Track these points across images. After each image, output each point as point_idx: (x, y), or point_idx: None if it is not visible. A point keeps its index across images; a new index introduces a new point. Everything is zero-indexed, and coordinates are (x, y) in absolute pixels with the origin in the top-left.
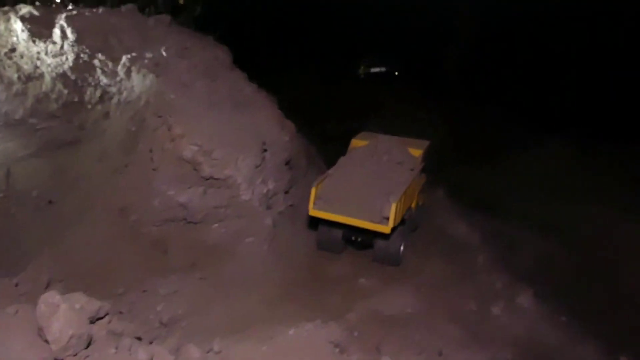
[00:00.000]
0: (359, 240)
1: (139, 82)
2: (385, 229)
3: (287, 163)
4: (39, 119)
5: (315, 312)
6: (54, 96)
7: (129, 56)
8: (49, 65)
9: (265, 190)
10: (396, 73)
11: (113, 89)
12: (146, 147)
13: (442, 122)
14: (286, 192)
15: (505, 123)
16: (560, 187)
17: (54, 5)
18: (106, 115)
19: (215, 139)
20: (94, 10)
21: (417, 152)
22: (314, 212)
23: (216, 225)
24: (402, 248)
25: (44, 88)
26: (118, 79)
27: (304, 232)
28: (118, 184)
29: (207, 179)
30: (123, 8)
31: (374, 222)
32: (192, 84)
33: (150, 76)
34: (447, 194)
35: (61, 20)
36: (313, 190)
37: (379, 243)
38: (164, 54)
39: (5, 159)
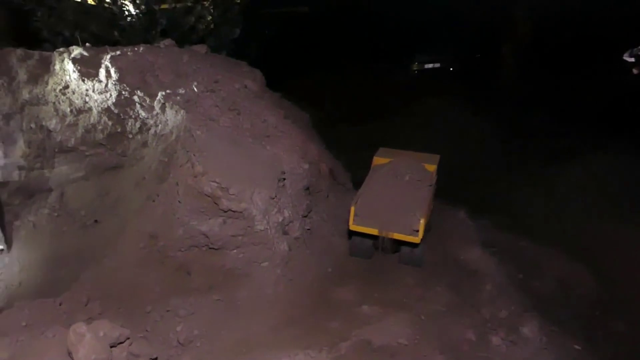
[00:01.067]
0: (386, 246)
1: (171, 117)
2: (416, 239)
3: (306, 189)
4: (88, 147)
5: (316, 338)
6: (100, 127)
7: (163, 93)
8: (95, 100)
9: (280, 219)
10: (451, 69)
11: (150, 121)
12: (174, 180)
13: (480, 128)
14: (305, 216)
15: (557, 129)
16: (607, 202)
17: (104, 46)
18: (145, 144)
19: (234, 174)
20: (135, 49)
21: (431, 168)
22: (354, 227)
23: (234, 250)
24: (424, 251)
25: (91, 120)
26: (154, 112)
27: (318, 254)
28: (150, 211)
29: (226, 212)
30: (162, 44)
31: (406, 234)
32: (218, 118)
33: (182, 112)
34: (470, 214)
35: (106, 61)
36: (352, 209)
37: (405, 249)
38: (195, 89)
39: (60, 182)
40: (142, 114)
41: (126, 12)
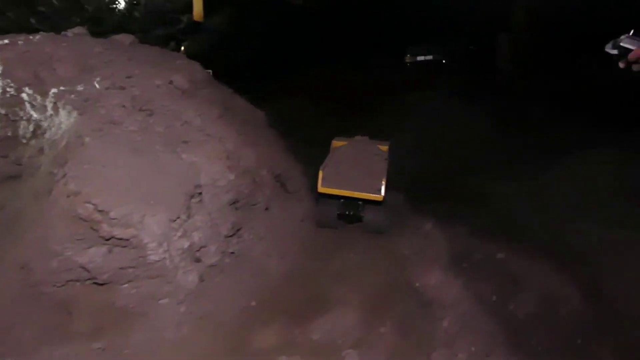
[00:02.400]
0: (352, 214)
1: (64, 119)
2: (379, 197)
3: (233, 203)
4: None
5: None
6: None
7: (56, 90)
8: None
9: (187, 245)
10: (443, 61)
11: (45, 124)
12: (53, 198)
13: (467, 122)
14: (230, 236)
15: (550, 124)
16: (600, 204)
17: None
18: (41, 150)
19: (121, 193)
20: (31, 37)
21: (384, 148)
22: (322, 189)
23: (126, 285)
24: (386, 221)
25: None
26: (48, 114)
27: (243, 283)
28: (24, 236)
29: (108, 239)
30: (70, 32)
31: (370, 193)
32: (122, 121)
33: (74, 113)
34: (442, 220)
35: None
36: (320, 173)
37: (367, 216)
38: (97, 86)
39: None
40: (35, 115)
41: None
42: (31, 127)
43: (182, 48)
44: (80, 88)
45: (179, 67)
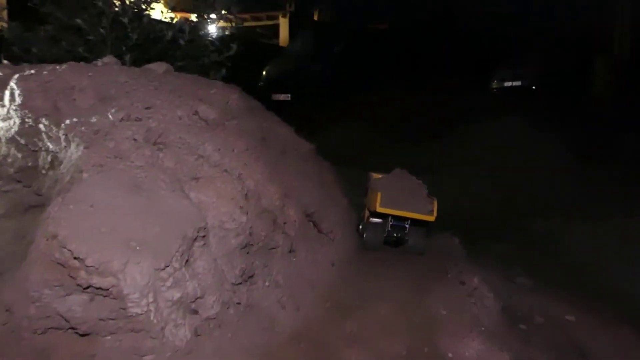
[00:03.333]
0: (398, 236)
1: (74, 153)
2: (432, 218)
3: (244, 247)
4: (3, 181)
5: None
6: (9, 160)
7: (68, 122)
8: (1, 128)
9: (178, 296)
10: (533, 87)
11: (61, 156)
12: (37, 240)
13: (550, 152)
14: (237, 284)
15: None
16: None
17: (22, 64)
18: (56, 182)
19: (103, 237)
20: (57, 67)
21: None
22: (380, 209)
23: (109, 337)
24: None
25: (1, 151)
26: (62, 145)
27: (247, 338)
28: (11, 277)
29: (86, 288)
30: (100, 61)
31: (424, 214)
32: (129, 155)
33: (82, 146)
34: (500, 265)
35: (12, 82)
36: (379, 195)
37: (411, 240)
38: (111, 117)
39: None
40: (51, 146)
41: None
42: (49, 158)
43: (264, 72)
44: (93, 119)
45: (211, 96)
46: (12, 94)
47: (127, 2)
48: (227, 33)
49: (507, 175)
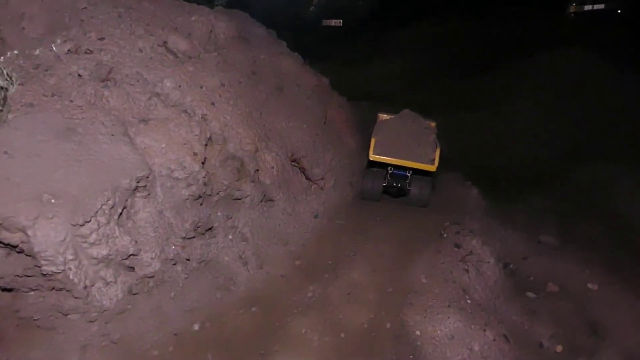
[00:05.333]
0: (399, 186)
1: (10, 90)
2: (432, 167)
3: (199, 197)
4: None
5: None
6: None
7: (9, 54)
8: None
9: (104, 253)
10: (619, 11)
11: (10, 93)
12: None
13: (614, 90)
14: (190, 238)
15: None
16: None
17: None
18: None
19: (12, 189)
20: None
21: (433, 124)
22: (374, 157)
23: (32, 293)
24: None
25: None
26: (7, 81)
27: (194, 298)
28: None
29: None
30: None
31: (424, 163)
32: (70, 93)
33: (15, 84)
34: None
35: None
36: (373, 140)
37: (413, 190)
38: (55, 49)
39: None
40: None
41: None
42: (2, 94)
43: None
44: (37, 52)
45: (190, 24)
46: None
47: None
48: None
49: (564, 117)
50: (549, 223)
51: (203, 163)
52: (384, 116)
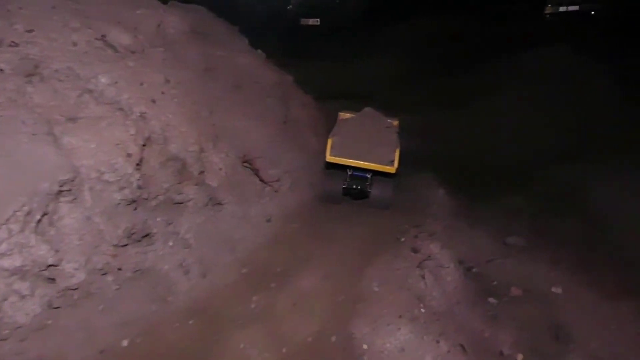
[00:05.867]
0: (359, 188)
1: None
2: (392, 169)
3: (132, 202)
4: None
5: None
6: None
7: None
8: None
9: (17, 264)
10: (592, 13)
11: None
12: None
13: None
14: (122, 245)
15: None
16: None
17: None
18: None
19: None
20: None
21: (395, 122)
22: (330, 158)
23: None
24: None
25: None
26: None
27: (123, 311)
28: None
29: None
30: None
31: (382, 164)
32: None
33: None
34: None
35: None
36: (329, 141)
37: (374, 192)
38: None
39: None
40: None
41: None
42: None
43: None
44: None
45: (136, 18)
46: None
47: None
48: None
49: (542, 113)
50: (520, 223)
51: (138, 165)
52: (345, 115)
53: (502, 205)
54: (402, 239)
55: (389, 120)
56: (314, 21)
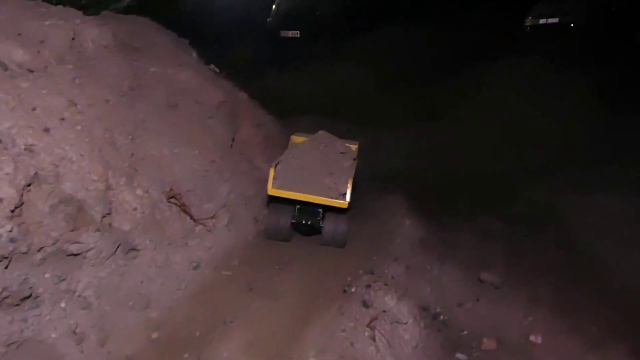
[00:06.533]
0: (309, 223)
1: None
2: (343, 204)
3: (4, 258)
4: None
5: None
6: None
7: None
8: None
9: None
10: (572, 25)
11: None
12: None
13: (565, 98)
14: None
15: None
16: None
17: None
18: None
19: None
20: None
21: (353, 147)
22: (272, 191)
23: None
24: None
25: None
26: None
27: None
28: None
29: None
30: None
31: (333, 198)
32: None
33: None
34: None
35: None
36: (271, 171)
37: (327, 226)
38: None
39: None
40: None
41: None
42: None
43: (274, 7)
44: None
45: (44, 30)
46: None
47: None
48: None
49: (517, 125)
50: (494, 254)
51: (14, 211)
52: (298, 138)
53: (476, 231)
54: (353, 289)
55: (346, 145)
56: (294, 33)
